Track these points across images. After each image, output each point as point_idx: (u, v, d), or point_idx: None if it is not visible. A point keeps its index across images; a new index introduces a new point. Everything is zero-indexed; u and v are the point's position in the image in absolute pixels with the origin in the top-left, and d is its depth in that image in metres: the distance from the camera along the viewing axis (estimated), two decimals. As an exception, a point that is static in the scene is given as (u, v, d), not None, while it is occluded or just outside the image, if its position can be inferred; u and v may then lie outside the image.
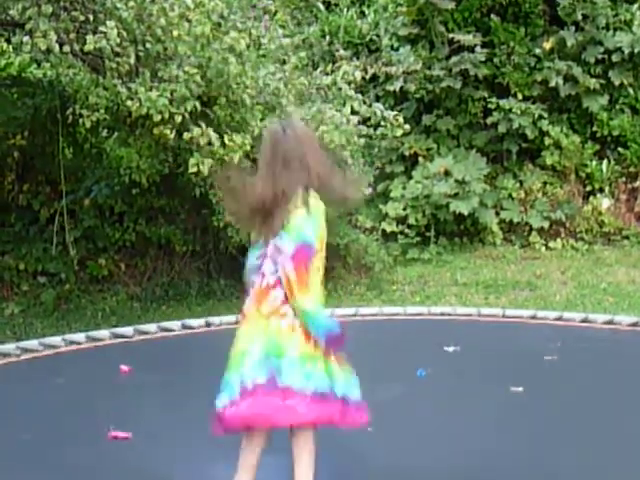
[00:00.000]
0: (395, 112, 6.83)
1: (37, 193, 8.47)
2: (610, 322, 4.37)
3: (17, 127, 8.14)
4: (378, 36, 9.45)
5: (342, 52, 8.45)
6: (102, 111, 5.81)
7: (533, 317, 4.60)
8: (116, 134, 8.23)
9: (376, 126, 7.45)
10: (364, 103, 6.63)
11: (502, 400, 3.45)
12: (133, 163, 7.05)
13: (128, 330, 4.54)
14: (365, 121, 7.28)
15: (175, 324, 4.66)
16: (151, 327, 4.60)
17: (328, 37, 9.12)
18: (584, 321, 4.48)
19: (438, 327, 4.41)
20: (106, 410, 3.51)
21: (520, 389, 3.55)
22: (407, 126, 6.92)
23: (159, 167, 7.20)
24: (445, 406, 3.46)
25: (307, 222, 3.20)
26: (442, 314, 4.71)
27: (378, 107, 6.70)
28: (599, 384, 3.60)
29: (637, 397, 3.41)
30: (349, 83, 6.54)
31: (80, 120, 5.93)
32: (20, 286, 8.16)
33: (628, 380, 3.64)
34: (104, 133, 8.34)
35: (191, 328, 4.63)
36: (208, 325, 4.71)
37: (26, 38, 5.52)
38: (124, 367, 3.97)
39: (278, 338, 3.22)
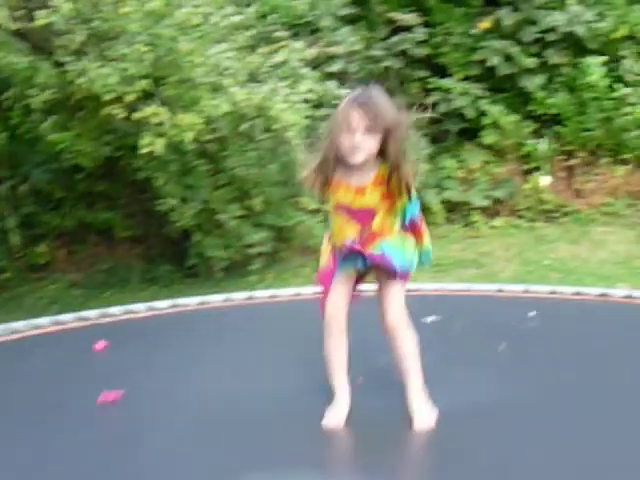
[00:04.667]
0: (347, 90, 6.75)
1: (-28, 181, 8.21)
2: (578, 293, 4.43)
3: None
4: (317, 16, 9.37)
5: (282, 33, 8.35)
6: (52, 90, 5.62)
7: (499, 290, 4.62)
8: (54, 117, 8.00)
9: (321, 105, 7.38)
10: (318, 82, 6.58)
11: (495, 354, 3.56)
12: (76, 147, 6.84)
13: (92, 313, 4.41)
14: (307, 101, 7.21)
15: (141, 306, 4.54)
16: (115, 310, 4.48)
17: (266, 18, 8.99)
18: (552, 292, 4.51)
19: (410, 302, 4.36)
20: (91, 380, 3.47)
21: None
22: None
23: (103, 150, 7.01)
24: (444, 357, 3.53)
25: None
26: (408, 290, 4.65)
27: (331, 85, 6.64)
28: (576, 342, 3.77)
29: (604, 354, 3.68)
30: (301, 61, 6.46)
31: (15, 105, 5.72)
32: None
33: (596, 341, 3.81)
34: (41, 117, 8.08)
35: (158, 309, 4.52)
36: (175, 306, 4.61)
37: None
38: (98, 345, 3.86)
39: None
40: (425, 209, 9.03)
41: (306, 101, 7.04)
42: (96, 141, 6.99)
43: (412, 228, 3.28)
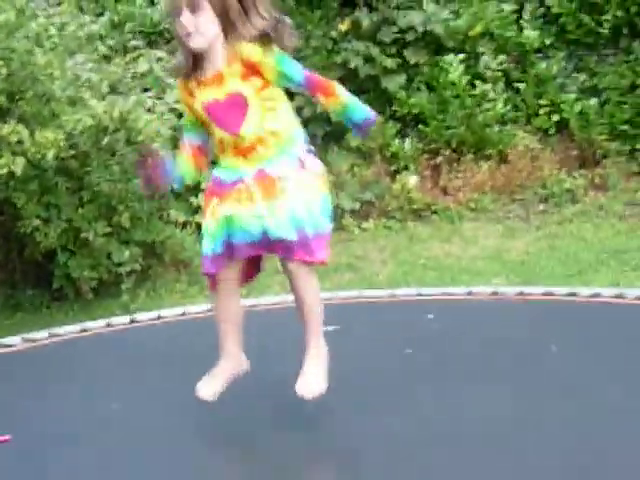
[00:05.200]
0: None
1: None
2: (470, 293, 4.40)
3: None
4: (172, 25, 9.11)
5: (137, 42, 8.10)
6: None
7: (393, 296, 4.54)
8: None
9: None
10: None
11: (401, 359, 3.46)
12: None
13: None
14: (171, 111, 6.99)
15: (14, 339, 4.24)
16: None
17: (121, 27, 8.70)
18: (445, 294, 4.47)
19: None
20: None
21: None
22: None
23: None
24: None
25: None
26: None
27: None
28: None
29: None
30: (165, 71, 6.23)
31: None
32: None
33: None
34: None
35: (34, 341, 4.23)
36: (51, 336, 4.33)
37: None
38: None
39: None
40: (295, 215, 8.92)
41: (172, 111, 6.81)
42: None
43: (312, 85, 3.03)
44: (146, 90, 6.29)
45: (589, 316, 4.01)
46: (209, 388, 3.12)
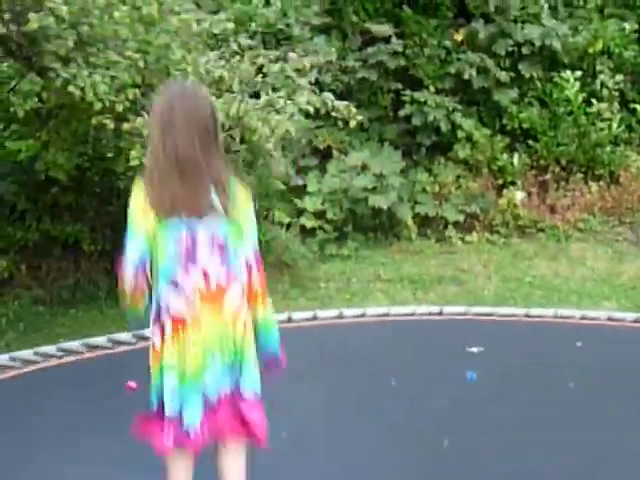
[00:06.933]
0: (346, 102, 6.53)
1: None
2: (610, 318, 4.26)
3: None
4: (288, 25, 9.11)
5: (249, 42, 8.08)
6: (36, 99, 5.27)
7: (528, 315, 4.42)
8: (14, 127, 7.58)
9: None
10: (314, 93, 6.32)
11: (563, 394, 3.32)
12: (50, 158, 6.47)
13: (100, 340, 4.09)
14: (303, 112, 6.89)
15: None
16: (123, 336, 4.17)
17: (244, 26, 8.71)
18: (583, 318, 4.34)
19: (445, 328, 4.14)
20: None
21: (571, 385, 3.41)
22: (360, 117, 6.62)
23: (77, 161, 6.66)
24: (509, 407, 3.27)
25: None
26: (430, 313, 4.45)
27: (328, 97, 6.37)
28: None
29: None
30: (297, 71, 6.20)
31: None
32: None
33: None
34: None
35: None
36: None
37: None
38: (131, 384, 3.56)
39: (241, 343, 2.94)
40: (398, 223, 8.86)
41: (301, 111, 6.74)
42: (69, 152, 6.63)
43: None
44: (274, 90, 6.26)
45: None
46: None
